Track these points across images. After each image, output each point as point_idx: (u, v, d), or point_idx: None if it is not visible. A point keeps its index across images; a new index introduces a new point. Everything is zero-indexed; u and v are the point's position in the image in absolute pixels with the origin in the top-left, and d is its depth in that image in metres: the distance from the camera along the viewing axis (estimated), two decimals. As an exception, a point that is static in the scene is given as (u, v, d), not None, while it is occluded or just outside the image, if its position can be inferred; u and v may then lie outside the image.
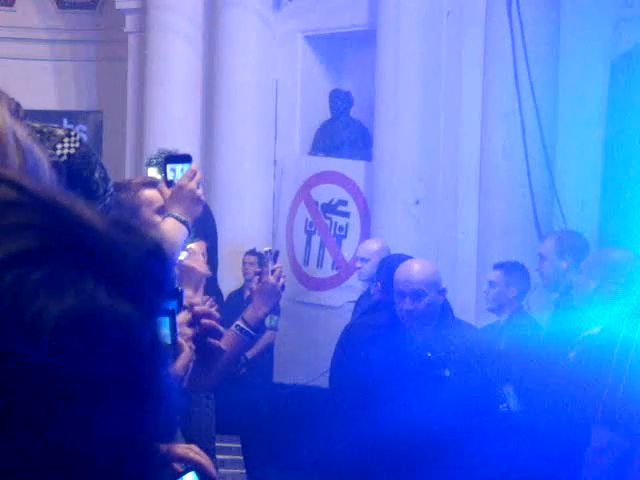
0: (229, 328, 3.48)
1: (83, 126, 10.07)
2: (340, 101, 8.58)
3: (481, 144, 7.66)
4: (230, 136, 8.57)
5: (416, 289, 4.47)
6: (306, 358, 7.87)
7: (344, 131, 8.57)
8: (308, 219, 8.39)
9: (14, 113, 1.50)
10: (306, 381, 7.58)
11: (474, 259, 7.56)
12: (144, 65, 9.01)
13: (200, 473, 1.66)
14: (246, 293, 7.12)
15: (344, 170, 8.25)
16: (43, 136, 1.85)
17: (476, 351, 4.49)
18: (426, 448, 4.20)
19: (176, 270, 3.04)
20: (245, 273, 7.73)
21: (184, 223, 2.98)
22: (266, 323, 6.81)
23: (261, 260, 4.16)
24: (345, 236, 8.22)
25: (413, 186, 7.69)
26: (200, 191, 3.06)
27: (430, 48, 7.72)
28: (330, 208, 8.29)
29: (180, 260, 3.11)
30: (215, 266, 5.94)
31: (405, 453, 4.24)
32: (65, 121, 9.63)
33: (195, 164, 3.14)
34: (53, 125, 2.00)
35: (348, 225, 8.20)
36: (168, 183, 3.07)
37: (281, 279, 3.72)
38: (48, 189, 0.68)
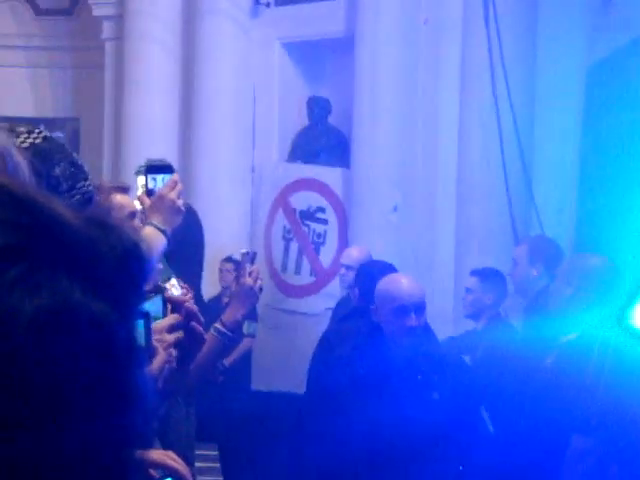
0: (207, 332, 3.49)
1: (60, 133, 10.02)
2: (318, 108, 8.58)
3: (458, 151, 7.68)
4: (208, 143, 8.56)
5: (420, 303, 4.28)
6: (284, 365, 7.86)
7: (322, 138, 8.57)
8: (286, 226, 8.39)
9: None
10: (284, 388, 7.56)
11: (452, 266, 7.58)
12: (121, 72, 8.99)
13: (176, 479, 1.65)
14: (224, 300, 7.10)
15: (322, 177, 8.25)
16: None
17: (460, 373, 4.40)
18: (407, 459, 4.15)
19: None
20: (222, 280, 7.72)
21: (163, 232, 3.00)
22: (244, 330, 6.79)
23: (238, 266, 4.14)
24: (323, 243, 8.23)
25: (391, 193, 7.70)
26: (180, 202, 3.08)
27: (407, 55, 7.74)
28: (308, 215, 8.29)
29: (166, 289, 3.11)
30: (200, 276, 5.92)
31: (385, 462, 4.19)
32: (42, 128, 9.58)
33: (176, 175, 3.16)
34: (20, 125, 1.99)
35: (326, 232, 8.20)
36: (148, 192, 3.08)
37: (258, 281, 3.73)
38: (25, 187, 0.67)
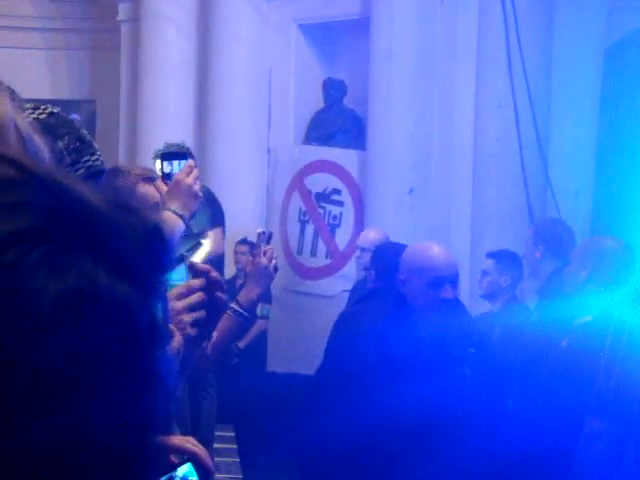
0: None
1: (76, 115, 10.05)
2: (333, 90, 8.56)
3: (474, 133, 7.66)
4: (224, 125, 8.56)
5: (455, 273, 4.00)
6: (300, 347, 7.87)
7: (338, 120, 8.56)
8: (302, 208, 8.39)
9: (12, 101, 1.51)
10: (300, 370, 7.58)
11: (467, 248, 7.57)
12: (137, 54, 8.99)
13: (196, 464, 1.66)
14: (238, 282, 7.11)
15: (338, 159, 8.24)
16: None
17: (490, 349, 4.21)
18: (435, 435, 3.94)
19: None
20: (237, 262, 7.73)
21: (181, 217, 3.01)
22: (257, 312, 6.81)
23: (253, 248, 4.13)
24: (339, 225, 8.22)
25: (407, 175, 7.69)
26: (197, 186, 3.09)
27: (424, 36, 7.71)
28: (324, 197, 8.29)
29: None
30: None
31: (412, 438, 3.97)
32: (50, 106, 9.60)
33: (192, 160, 3.18)
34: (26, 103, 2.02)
35: (342, 214, 8.20)
36: (165, 177, 3.10)
37: (273, 260, 3.73)
38: (49, 169, 0.68)
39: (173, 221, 3.00)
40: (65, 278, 0.62)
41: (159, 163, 3.16)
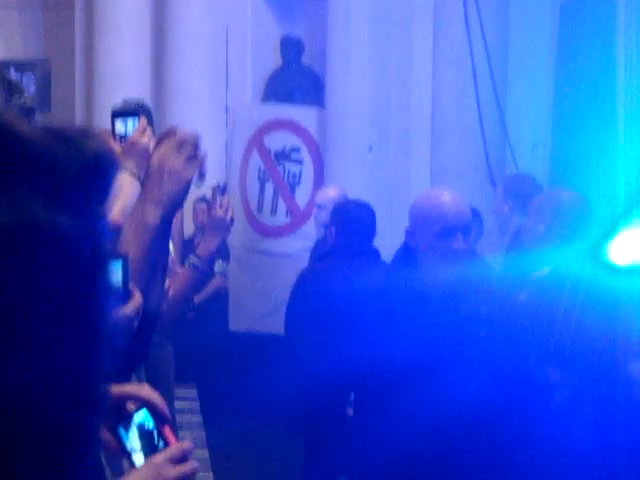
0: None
1: (31, 74, 9.92)
2: (291, 48, 8.51)
3: (433, 89, 7.66)
4: (181, 83, 8.50)
5: (467, 222, 3.71)
6: (261, 305, 7.88)
7: (296, 78, 8.52)
8: (261, 167, 8.36)
9: None
10: (262, 328, 7.59)
11: (427, 204, 7.58)
12: (92, 13, 8.87)
13: (152, 411, 1.64)
14: (197, 241, 7.10)
15: (296, 117, 8.21)
16: None
17: (512, 309, 3.87)
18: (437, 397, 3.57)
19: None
20: (195, 220, 7.72)
21: (138, 178, 2.99)
22: (214, 268, 6.81)
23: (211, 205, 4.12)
24: (298, 183, 8.21)
25: (366, 132, 7.68)
26: (152, 145, 3.05)
27: (381, -8, 7.68)
28: (283, 155, 8.26)
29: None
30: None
31: (388, 393, 3.65)
32: (12, 70, 9.48)
33: (144, 119, 3.13)
34: None
35: (301, 172, 8.18)
36: (119, 138, 3.05)
37: (229, 212, 3.73)
38: None
39: (130, 181, 2.98)
40: (1, 213, 0.61)
41: (118, 121, 3.11)
